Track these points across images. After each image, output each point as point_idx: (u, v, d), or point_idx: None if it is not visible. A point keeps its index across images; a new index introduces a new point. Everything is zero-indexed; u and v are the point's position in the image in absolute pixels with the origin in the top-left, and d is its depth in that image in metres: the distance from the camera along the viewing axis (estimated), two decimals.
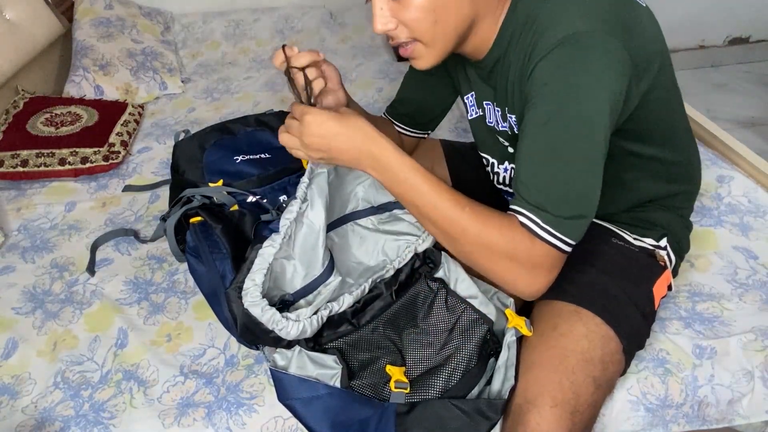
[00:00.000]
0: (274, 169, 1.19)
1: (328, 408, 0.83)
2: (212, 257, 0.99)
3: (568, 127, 0.75)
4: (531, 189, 0.77)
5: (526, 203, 0.77)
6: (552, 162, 0.76)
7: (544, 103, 0.76)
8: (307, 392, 0.84)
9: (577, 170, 0.76)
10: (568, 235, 0.76)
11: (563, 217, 0.75)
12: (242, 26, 2.22)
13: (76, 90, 1.82)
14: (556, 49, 0.74)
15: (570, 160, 0.75)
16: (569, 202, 0.76)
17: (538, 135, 0.76)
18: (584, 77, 0.73)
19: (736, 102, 2.62)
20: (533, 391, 0.81)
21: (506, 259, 0.77)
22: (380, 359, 0.88)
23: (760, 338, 0.99)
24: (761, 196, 1.28)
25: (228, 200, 1.12)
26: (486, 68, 0.90)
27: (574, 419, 0.79)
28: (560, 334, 0.86)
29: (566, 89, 0.74)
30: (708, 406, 0.95)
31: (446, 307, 0.92)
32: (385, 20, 0.80)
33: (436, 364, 0.88)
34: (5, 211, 1.40)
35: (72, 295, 1.16)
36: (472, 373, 0.86)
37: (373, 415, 0.83)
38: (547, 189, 0.76)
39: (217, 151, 1.23)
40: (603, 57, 0.74)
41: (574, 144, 0.75)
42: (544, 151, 0.76)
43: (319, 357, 0.87)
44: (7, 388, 0.99)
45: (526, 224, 0.76)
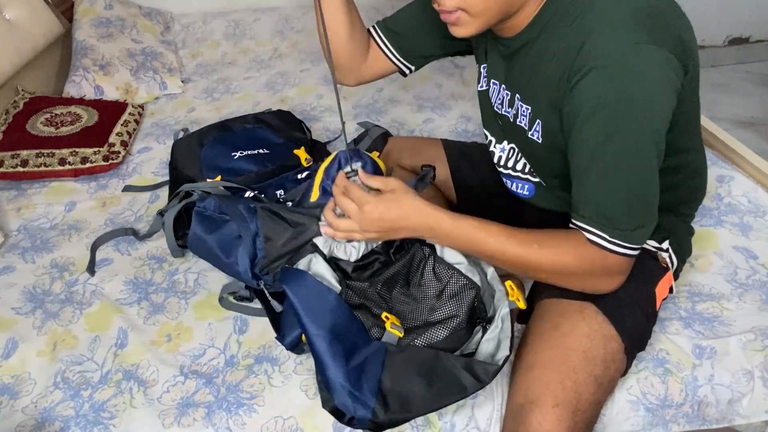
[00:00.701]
0: (271, 166, 1.19)
1: (330, 312, 0.85)
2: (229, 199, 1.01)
3: (628, 144, 0.76)
4: (595, 206, 0.79)
5: (591, 221, 0.80)
6: (613, 178, 0.78)
7: (600, 120, 0.76)
8: (317, 293, 0.86)
9: (638, 184, 0.78)
10: (635, 243, 0.80)
11: (630, 229, 0.79)
12: (242, 26, 2.22)
13: (76, 90, 1.82)
14: (609, 64, 0.73)
15: (631, 176, 0.78)
16: (634, 214, 0.79)
17: (597, 152, 0.77)
18: (640, 92, 0.74)
19: (736, 102, 2.62)
20: (535, 391, 0.81)
21: (584, 276, 0.84)
22: (373, 307, 0.91)
23: (760, 338, 0.99)
24: (761, 196, 1.28)
25: (226, 195, 1.13)
26: (510, 48, 0.89)
27: (576, 418, 0.79)
28: (562, 334, 0.86)
29: (623, 105, 0.74)
30: (708, 406, 0.95)
31: (434, 274, 0.93)
32: None
33: (426, 322, 0.90)
34: (5, 211, 1.40)
35: (72, 295, 1.16)
36: (459, 334, 0.88)
37: (365, 343, 0.85)
38: (611, 205, 0.79)
39: (215, 148, 1.23)
40: (658, 70, 0.73)
41: (634, 159, 0.77)
42: (605, 169, 0.78)
43: (325, 270, 0.90)
44: (7, 388, 0.99)
45: (595, 241, 0.80)
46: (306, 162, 1.24)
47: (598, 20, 0.75)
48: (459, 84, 1.89)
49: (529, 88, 0.88)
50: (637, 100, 0.74)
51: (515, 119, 0.93)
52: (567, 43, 0.78)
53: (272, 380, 0.97)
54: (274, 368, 0.99)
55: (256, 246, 0.96)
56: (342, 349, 0.83)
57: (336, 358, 0.82)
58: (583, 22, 0.76)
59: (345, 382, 0.81)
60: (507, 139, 1.00)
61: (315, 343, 0.83)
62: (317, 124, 1.69)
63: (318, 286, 0.88)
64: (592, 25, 0.75)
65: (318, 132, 1.64)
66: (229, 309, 1.09)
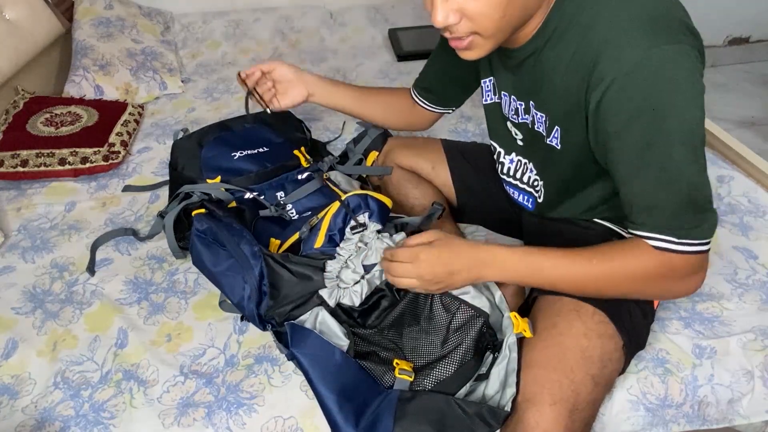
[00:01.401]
0: (271, 166, 1.19)
1: (338, 373, 0.85)
2: (228, 233, 0.99)
3: (674, 145, 0.74)
4: (655, 212, 0.78)
5: (654, 228, 0.78)
6: (667, 182, 0.76)
7: (639, 128, 0.74)
8: (323, 352, 0.86)
9: (691, 181, 0.76)
10: (705, 237, 0.78)
11: (695, 226, 0.77)
12: (242, 26, 2.22)
13: (76, 90, 1.82)
14: (632, 70, 0.72)
15: (684, 176, 0.76)
16: (694, 212, 0.77)
17: (644, 159, 0.76)
18: (675, 93, 0.72)
19: (736, 102, 2.62)
20: (532, 390, 0.81)
21: (661, 281, 0.81)
22: (383, 352, 0.90)
23: (760, 338, 0.99)
24: (761, 196, 1.28)
25: (225, 197, 1.12)
26: (516, 59, 0.89)
27: (573, 417, 0.79)
28: (559, 333, 0.86)
29: (660, 108, 0.73)
30: (708, 406, 0.95)
31: (443, 306, 0.92)
32: (447, 12, 0.76)
33: (437, 358, 0.89)
34: (5, 211, 1.40)
35: (72, 295, 1.16)
36: (468, 365, 0.87)
37: (375, 396, 0.84)
38: (671, 208, 0.77)
39: (215, 148, 1.23)
40: (682, 65, 0.72)
41: (683, 159, 0.75)
42: (656, 174, 0.76)
43: (332, 326, 0.90)
44: (7, 388, 0.99)
45: (662, 247, 0.78)
46: (306, 162, 1.23)
47: (610, 29, 0.74)
48: None
49: (541, 96, 0.87)
50: (675, 103, 0.72)
51: (533, 125, 0.92)
52: (580, 54, 0.77)
53: (272, 380, 0.97)
54: (274, 368, 0.99)
55: (262, 290, 0.95)
56: (353, 410, 0.83)
57: (347, 421, 0.82)
58: (595, 33, 0.75)
59: None
60: (516, 151, 1.00)
61: (327, 406, 0.83)
62: (317, 124, 1.69)
63: (324, 345, 0.87)
64: (605, 34, 0.74)
65: (318, 132, 1.64)
66: (230, 311, 1.09)
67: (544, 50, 0.83)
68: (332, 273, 0.95)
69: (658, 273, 0.80)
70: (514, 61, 0.89)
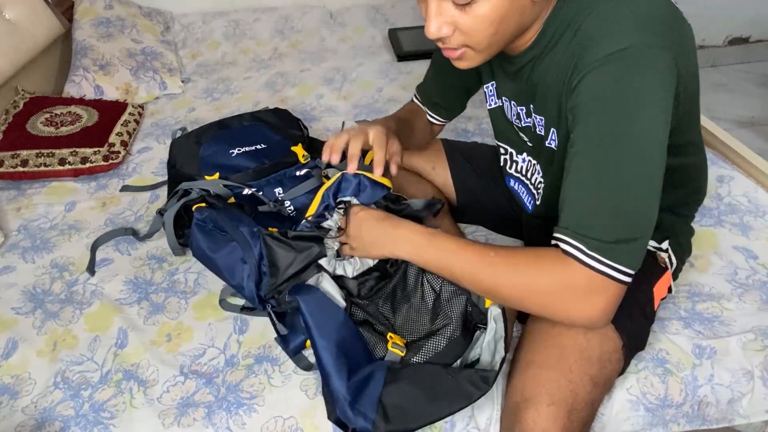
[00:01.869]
0: (269, 162, 1.19)
1: (339, 329, 0.87)
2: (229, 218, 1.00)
3: (621, 147, 0.71)
4: (576, 213, 0.74)
5: (569, 231, 0.74)
6: (602, 185, 0.72)
7: (596, 122, 0.73)
8: (327, 309, 0.88)
9: (628, 190, 0.72)
10: (618, 261, 0.72)
11: (610, 241, 0.71)
12: (242, 26, 2.22)
13: (76, 90, 1.82)
14: (610, 63, 0.71)
15: (622, 182, 0.72)
16: (617, 225, 0.72)
17: (588, 157, 0.73)
18: (640, 94, 0.71)
19: (736, 102, 2.63)
20: (530, 390, 0.81)
21: (551, 295, 0.76)
22: (376, 324, 0.92)
23: (760, 338, 0.99)
24: (761, 196, 1.28)
25: (224, 193, 1.12)
26: (515, 65, 0.89)
27: (572, 417, 0.79)
28: (558, 333, 0.86)
29: (621, 107, 0.71)
30: (708, 406, 0.95)
31: (429, 283, 0.95)
32: (440, 25, 0.77)
33: (426, 334, 0.91)
34: (5, 211, 1.40)
35: (72, 295, 1.16)
36: (457, 341, 0.88)
37: (368, 361, 0.86)
38: (592, 212, 0.73)
39: (213, 145, 1.23)
40: (659, 73, 0.71)
41: (628, 165, 0.72)
42: (595, 175, 0.73)
43: (332, 287, 0.91)
44: (7, 388, 0.99)
45: (571, 253, 0.73)
46: (303, 159, 1.23)
47: (599, 27, 0.74)
48: None
49: (537, 100, 0.87)
50: (637, 103, 0.71)
51: (535, 129, 0.93)
52: (570, 52, 0.77)
53: (272, 380, 0.97)
54: (274, 368, 0.99)
55: (261, 270, 0.96)
56: (346, 364, 0.84)
57: (340, 372, 0.83)
58: (585, 31, 0.76)
59: (347, 395, 0.82)
60: (527, 151, 1.01)
61: (322, 356, 0.85)
62: (317, 124, 1.70)
63: (327, 301, 0.89)
64: (593, 32, 0.75)
65: (318, 132, 1.64)
66: (229, 311, 1.09)
67: (542, 56, 0.83)
68: (330, 243, 0.96)
69: (556, 282, 0.74)
70: (514, 68, 0.90)
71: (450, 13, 0.75)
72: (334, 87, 1.91)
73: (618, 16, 0.74)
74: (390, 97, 1.83)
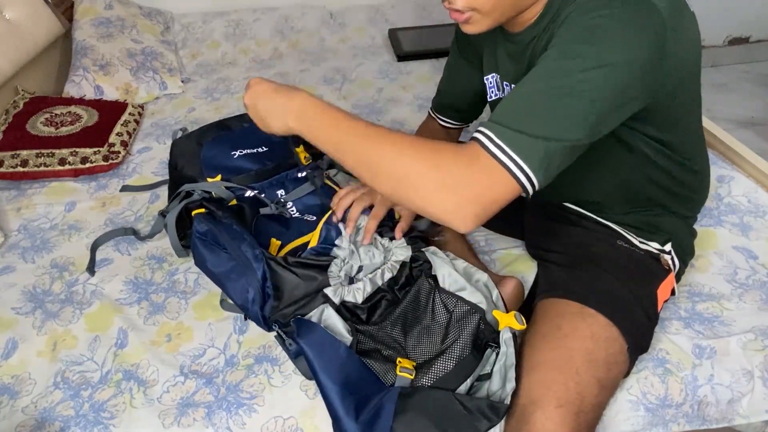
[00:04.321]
0: (271, 164, 1.19)
1: (343, 365, 0.85)
2: (228, 235, 0.99)
3: (575, 63, 0.68)
4: (501, 110, 0.71)
5: (488, 122, 0.70)
6: (537, 85, 0.69)
7: (562, 44, 0.71)
8: (329, 346, 0.87)
9: (557, 95, 0.68)
10: (519, 152, 0.67)
11: (515, 129, 0.67)
12: (242, 26, 2.22)
13: (76, 90, 1.82)
14: (592, 2, 0.70)
15: (556, 86, 0.68)
16: (531, 118, 0.68)
17: (541, 68, 0.71)
18: (619, 27, 0.68)
19: (736, 102, 2.63)
20: (538, 392, 0.81)
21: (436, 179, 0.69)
22: (386, 350, 0.91)
23: (760, 338, 0.99)
24: (761, 196, 1.28)
25: (226, 195, 1.12)
26: (520, 44, 0.89)
27: (579, 420, 0.79)
28: (564, 335, 0.85)
29: (591, 33, 0.69)
30: (708, 406, 0.95)
31: (443, 304, 0.93)
32: None
33: (435, 354, 0.90)
34: (5, 211, 1.40)
35: (72, 295, 1.16)
36: (467, 361, 0.87)
37: (377, 392, 0.85)
38: (515, 108, 0.69)
39: (214, 147, 1.23)
40: (644, 19, 0.69)
41: (570, 75, 0.68)
42: (535, 78, 0.70)
43: (337, 321, 0.90)
44: (7, 388, 0.99)
45: (478, 138, 0.69)
46: (306, 160, 1.23)
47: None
48: None
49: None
50: (602, 33, 0.68)
51: None
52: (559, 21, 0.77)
53: (272, 380, 0.97)
54: (274, 368, 0.99)
55: (266, 293, 0.96)
56: (354, 403, 0.83)
57: (348, 413, 0.83)
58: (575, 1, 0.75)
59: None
60: None
61: (329, 398, 0.84)
62: None
63: (330, 339, 0.88)
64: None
65: None
66: (230, 311, 1.09)
67: (542, 36, 0.84)
68: (335, 272, 0.96)
69: (450, 166, 0.69)
70: (516, 47, 0.90)
71: None
72: (334, 87, 1.91)
73: None
74: (390, 97, 1.83)
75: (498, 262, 1.18)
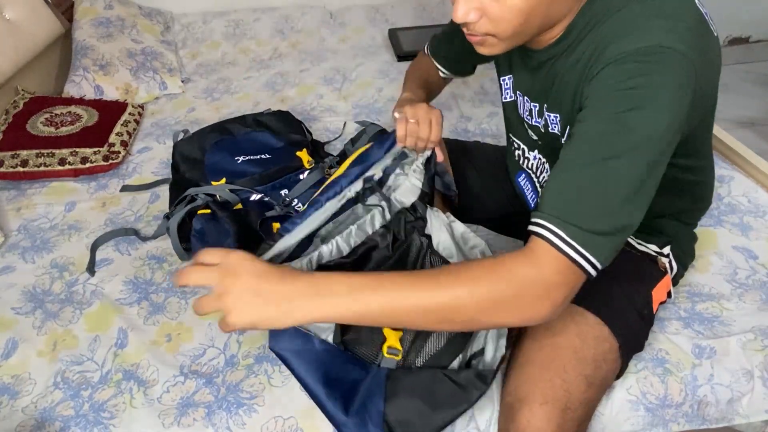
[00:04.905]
0: (275, 167, 1.19)
1: (320, 362, 0.83)
2: (218, 236, 0.99)
3: (621, 139, 0.69)
4: (560, 200, 0.70)
5: (551, 216, 0.69)
6: (593, 172, 0.69)
7: (603, 110, 0.70)
8: (301, 344, 0.84)
9: (619, 185, 0.68)
10: (593, 252, 0.68)
11: (590, 231, 0.68)
12: (242, 26, 2.22)
13: (76, 90, 1.82)
14: (633, 58, 0.69)
15: (614, 174, 0.68)
16: (602, 216, 0.68)
17: (585, 143, 0.71)
18: (655, 92, 0.69)
19: (736, 102, 2.62)
20: (524, 389, 0.81)
21: (512, 298, 0.68)
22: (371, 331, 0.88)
23: (760, 338, 0.99)
24: (761, 196, 1.28)
25: (231, 198, 1.12)
26: (537, 60, 0.87)
27: (565, 416, 0.79)
28: (553, 334, 0.86)
29: (632, 100, 0.69)
30: (708, 406, 0.95)
31: (431, 266, 0.90)
32: (469, 10, 0.75)
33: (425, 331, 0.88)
34: (5, 211, 1.40)
35: (72, 295, 1.16)
36: (456, 338, 0.86)
37: (364, 377, 0.84)
38: (579, 200, 0.69)
39: (217, 153, 1.24)
40: (679, 77, 0.69)
41: (624, 157, 0.68)
42: (587, 161, 0.70)
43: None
44: (7, 388, 0.99)
45: (546, 237, 0.68)
46: (308, 164, 1.24)
47: (626, 25, 0.73)
48: (459, 84, 1.89)
49: (552, 97, 0.86)
50: (650, 100, 0.69)
51: (546, 128, 0.91)
52: (591, 48, 0.76)
53: (272, 380, 0.97)
54: (274, 368, 0.99)
55: None
56: (341, 396, 0.82)
57: (337, 408, 0.81)
58: (611, 27, 0.74)
59: (352, 427, 0.81)
60: (538, 149, 0.99)
61: (316, 396, 0.82)
62: (317, 124, 1.70)
63: (301, 336, 0.84)
64: (619, 28, 0.73)
65: (318, 132, 1.64)
66: None
67: (565, 53, 0.82)
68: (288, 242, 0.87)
69: (521, 279, 0.68)
70: (535, 62, 0.88)
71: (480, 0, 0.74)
72: (334, 87, 1.91)
73: (648, 16, 0.72)
74: (390, 97, 1.83)
75: None
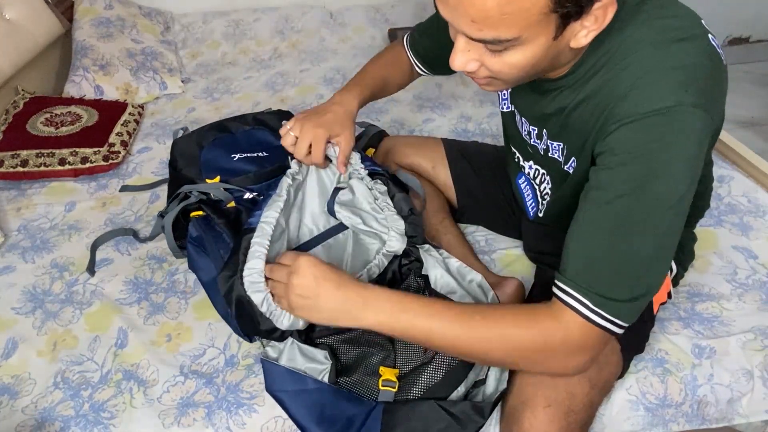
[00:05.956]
0: (270, 166, 1.19)
1: (315, 402, 0.84)
2: (216, 247, 0.99)
3: (642, 205, 0.68)
4: (583, 266, 0.71)
5: (573, 283, 0.71)
6: (615, 239, 0.69)
7: (623, 174, 0.69)
8: (295, 385, 0.85)
9: (642, 251, 0.69)
10: (618, 316, 0.70)
11: (622, 300, 0.70)
12: (242, 26, 2.22)
13: (76, 90, 1.82)
14: (650, 120, 0.67)
15: (636, 240, 0.69)
16: (626, 284, 0.70)
17: (606, 208, 0.70)
18: (674, 155, 0.68)
19: (736, 102, 2.62)
20: (527, 392, 0.81)
21: (540, 351, 0.73)
22: (372, 356, 0.89)
23: (760, 338, 0.99)
24: (761, 196, 1.28)
25: (225, 196, 1.12)
26: (542, 87, 0.84)
27: (569, 419, 0.79)
28: None
29: (651, 165, 0.68)
30: (707, 406, 0.95)
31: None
32: (467, 61, 0.73)
33: (423, 362, 0.88)
34: (5, 211, 1.40)
35: (72, 295, 1.16)
36: (456, 369, 0.86)
37: (360, 413, 0.84)
38: (602, 268, 0.70)
39: (214, 149, 1.23)
40: (697, 135, 0.68)
41: (645, 223, 0.69)
42: (609, 227, 0.70)
43: (309, 350, 0.88)
44: (7, 388, 0.99)
45: (571, 305, 0.71)
46: None
47: (643, 76, 0.69)
48: (459, 84, 1.89)
49: (558, 127, 0.84)
50: (669, 166, 0.68)
51: (546, 152, 0.90)
52: (608, 90, 0.73)
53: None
54: None
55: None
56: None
57: None
58: (626, 77, 0.71)
59: None
60: (533, 160, 0.98)
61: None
62: None
63: (295, 377, 0.86)
64: (635, 80, 0.70)
65: None
66: None
67: (572, 87, 0.79)
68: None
69: (548, 338, 0.72)
70: (539, 88, 0.85)
71: (479, 52, 0.71)
72: (334, 87, 1.91)
73: (664, 67, 0.69)
74: (390, 97, 1.82)
75: (498, 262, 1.18)
